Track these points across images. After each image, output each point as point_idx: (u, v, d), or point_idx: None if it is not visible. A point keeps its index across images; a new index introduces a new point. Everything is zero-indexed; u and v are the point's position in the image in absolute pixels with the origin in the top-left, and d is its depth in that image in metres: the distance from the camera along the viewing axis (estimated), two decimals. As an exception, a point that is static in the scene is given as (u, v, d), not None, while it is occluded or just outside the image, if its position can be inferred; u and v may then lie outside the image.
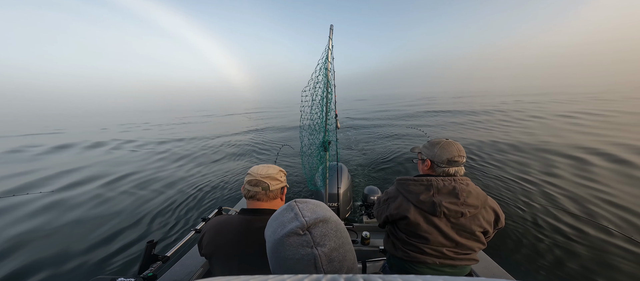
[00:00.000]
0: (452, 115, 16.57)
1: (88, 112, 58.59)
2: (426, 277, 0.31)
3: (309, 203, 0.58)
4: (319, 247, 0.49)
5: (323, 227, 0.52)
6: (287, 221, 0.54)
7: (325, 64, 1.76)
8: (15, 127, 26.25)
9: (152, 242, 1.40)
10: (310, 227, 0.51)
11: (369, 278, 0.29)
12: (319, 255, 0.48)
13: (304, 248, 0.49)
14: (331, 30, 1.76)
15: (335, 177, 2.53)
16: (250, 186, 1.07)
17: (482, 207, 1.06)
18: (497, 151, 6.69)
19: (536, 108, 16.80)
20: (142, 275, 1.29)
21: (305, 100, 2.03)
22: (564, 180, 4.55)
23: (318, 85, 1.91)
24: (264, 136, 13.06)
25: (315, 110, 2.02)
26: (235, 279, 0.31)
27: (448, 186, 1.05)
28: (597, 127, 8.76)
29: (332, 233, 0.52)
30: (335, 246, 0.51)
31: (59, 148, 11.53)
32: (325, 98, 1.86)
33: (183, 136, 13.54)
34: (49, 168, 7.83)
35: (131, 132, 15.30)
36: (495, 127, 10.34)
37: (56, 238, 3.74)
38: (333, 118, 2.05)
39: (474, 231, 1.04)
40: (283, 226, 0.53)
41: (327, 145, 2.02)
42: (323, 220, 0.53)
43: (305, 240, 0.50)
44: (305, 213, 0.53)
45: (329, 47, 1.73)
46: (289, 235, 0.51)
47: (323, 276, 0.30)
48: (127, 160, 8.34)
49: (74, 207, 4.78)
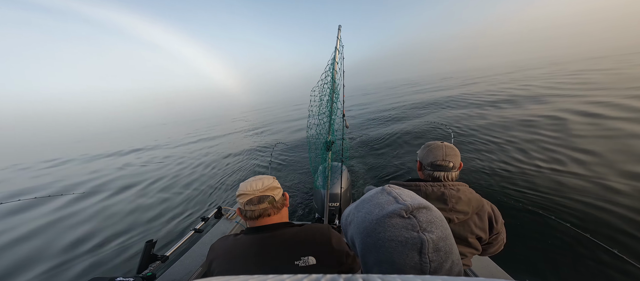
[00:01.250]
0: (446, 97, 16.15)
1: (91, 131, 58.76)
2: (425, 277, 0.31)
3: (402, 189, 0.55)
4: (427, 233, 0.45)
5: (427, 214, 0.48)
6: (386, 203, 0.50)
7: (333, 63, 1.73)
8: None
9: (151, 242, 1.39)
10: (414, 211, 0.47)
11: (368, 278, 0.29)
12: (427, 240, 0.44)
13: (409, 232, 0.45)
14: (339, 30, 1.74)
15: (337, 177, 2.53)
16: (253, 205, 0.93)
17: (474, 213, 1.02)
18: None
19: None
20: (141, 274, 1.28)
21: (313, 101, 2.01)
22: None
23: (326, 85, 1.89)
24: (259, 136, 13.09)
25: (323, 110, 2.00)
26: (235, 279, 0.30)
27: (436, 192, 1.01)
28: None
29: (438, 222, 0.48)
30: (442, 236, 0.46)
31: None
32: (331, 99, 1.84)
33: (183, 138, 13.59)
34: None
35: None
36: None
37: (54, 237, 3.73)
38: (341, 118, 2.02)
39: (466, 237, 1.01)
40: (381, 208, 0.50)
41: (330, 144, 2.01)
42: (426, 207, 0.49)
43: (410, 223, 0.46)
44: (404, 198, 0.50)
45: (337, 47, 1.71)
46: (390, 215, 0.47)
47: (323, 276, 0.29)
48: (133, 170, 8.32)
49: (74, 210, 4.77)
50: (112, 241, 3.59)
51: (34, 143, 36.52)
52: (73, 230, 4.08)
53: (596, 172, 3.95)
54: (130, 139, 17.69)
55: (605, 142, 4.95)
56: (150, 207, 4.64)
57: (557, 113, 7.27)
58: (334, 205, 2.45)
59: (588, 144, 4.95)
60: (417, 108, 12.92)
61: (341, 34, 1.80)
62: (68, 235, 3.88)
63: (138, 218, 4.23)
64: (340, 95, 1.96)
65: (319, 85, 1.86)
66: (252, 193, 0.93)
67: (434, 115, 10.51)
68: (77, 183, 6.76)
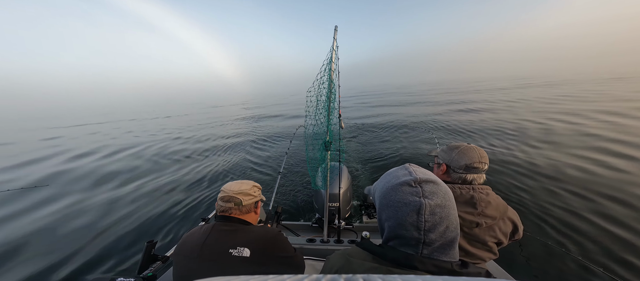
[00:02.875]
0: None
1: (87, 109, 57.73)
2: (426, 277, 0.32)
3: (421, 168, 0.66)
4: (427, 199, 0.55)
5: (433, 187, 0.58)
6: (402, 175, 0.63)
7: (329, 64, 1.74)
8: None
9: (152, 242, 1.40)
10: (422, 183, 0.58)
11: (368, 278, 0.29)
12: (425, 204, 0.55)
13: (413, 197, 0.57)
14: (335, 31, 1.74)
15: (336, 177, 2.54)
16: (223, 202, 1.09)
17: (500, 218, 1.00)
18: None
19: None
20: (141, 275, 1.28)
21: (310, 101, 2.01)
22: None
23: (323, 85, 1.89)
24: (263, 130, 13.03)
25: (320, 110, 2.01)
26: (235, 279, 0.31)
27: (465, 195, 0.99)
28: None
29: (441, 194, 0.58)
30: (441, 204, 0.56)
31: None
32: (328, 99, 1.85)
33: (181, 134, 13.49)
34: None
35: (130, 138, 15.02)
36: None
37: (54, 237, 3.73)
38: (337, 118, 2.04)
39: (487, 241, 0.99)
40: (397, 178, 0.62)
41: (328, 145, 2.02)
42: (434, 181, 0.59)
43: (415, 190, 0.57)
44: (418, 173, 0.61)
45: (333, 48, 1.72)
46: (402, 184, 0.59)
47: (323, 276, 0.30)
48: (127, 163, 8.31)
49: (76, 210, 4.75)
50: (112, 240, 3.59)
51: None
52: (72, 223, 4.12)
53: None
54: (131, 129, 17.50)
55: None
56: (149, 206, 4.63)
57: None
58: (333, 205, 2.45)
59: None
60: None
61: (337, 34, 1.81)
62: (68, 230, 3.90)
63: (138, 217, 4.23)
64: (336, 96, 1.97)
65: (314, 85, 1.87)
66: (227, 191, 1.09)
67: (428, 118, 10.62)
68: (69, 180, 6.67)
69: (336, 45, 1.76)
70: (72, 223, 4.16)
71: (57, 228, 4.01)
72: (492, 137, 7.70)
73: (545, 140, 6.72)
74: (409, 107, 18.77)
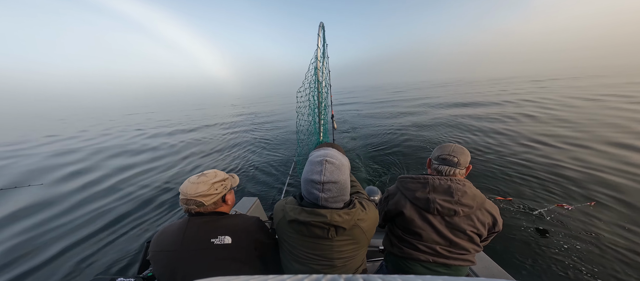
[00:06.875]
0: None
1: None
2: (426, 277, 0.32)
3: (334, 163, 0.91)
4: (325, 192, 0.89)
5: (330, 166, 0.89)
6: (316, 156, 0.93)
7: (314, 63, 1.71)
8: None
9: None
10: (325, 183, 0.88)
11: (368, 278, 0.29)
12: (324, 171, 0.88)
13: (318, 170, 0.89)
14: (320, 28, 1.71)
15: None
16: (184, 205, 1.04)
17: (478, 208, 1.08)
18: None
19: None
20: (141, 274, 1.32)
21: (301, 101, 1.99)
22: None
23: (312, 85, 1.87)
24: (261, 130, 12.80)
25: (311, 111, 1.97)
26: (235, 279, 0.31)
27: (443, 185, 1.10)
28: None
29: (335, 167, 0.89)
30: (333, 178, 0.88)
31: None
32: (317, 99, 1.82)
33: (182, 133, 13.57)
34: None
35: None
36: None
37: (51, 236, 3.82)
38: (329, 118, 2.00)
39: (466, 230, 1.06)
40: (312, 162, 0.93)
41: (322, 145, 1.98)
42: (331, 162, 0.90)
43: (319, 169, 0.89)
44: (325, 173, 0.87)
45: (318, 46, 1.69)
46: (314, 164, 0.91)
47: (323, 276, 0.31)
48: (127, 161, 8.32)
49: (74, 210, 4.81)
50: (112, 240, 3.63)
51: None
52: (73, 224, 4.19)
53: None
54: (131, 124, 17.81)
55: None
56: (149, 206, 4.69)
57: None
58: None
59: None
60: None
61: (324, 32, 1.77)
62: (68, 230, 3.99)
63: (138, 217, 4.31)
64: (328, 96, 1.93)
65: (304, 85, 1.85)
66: (184, 194, 1.03)
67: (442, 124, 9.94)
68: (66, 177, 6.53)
69: (322, 42, 1.73)
70: (72, 223, 4.23)
71: (56, 228, 4.08)
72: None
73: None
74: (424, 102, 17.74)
